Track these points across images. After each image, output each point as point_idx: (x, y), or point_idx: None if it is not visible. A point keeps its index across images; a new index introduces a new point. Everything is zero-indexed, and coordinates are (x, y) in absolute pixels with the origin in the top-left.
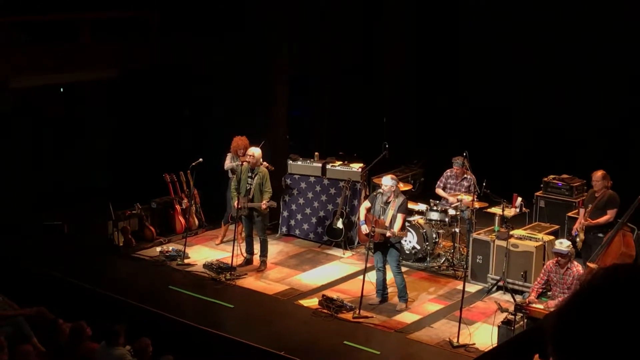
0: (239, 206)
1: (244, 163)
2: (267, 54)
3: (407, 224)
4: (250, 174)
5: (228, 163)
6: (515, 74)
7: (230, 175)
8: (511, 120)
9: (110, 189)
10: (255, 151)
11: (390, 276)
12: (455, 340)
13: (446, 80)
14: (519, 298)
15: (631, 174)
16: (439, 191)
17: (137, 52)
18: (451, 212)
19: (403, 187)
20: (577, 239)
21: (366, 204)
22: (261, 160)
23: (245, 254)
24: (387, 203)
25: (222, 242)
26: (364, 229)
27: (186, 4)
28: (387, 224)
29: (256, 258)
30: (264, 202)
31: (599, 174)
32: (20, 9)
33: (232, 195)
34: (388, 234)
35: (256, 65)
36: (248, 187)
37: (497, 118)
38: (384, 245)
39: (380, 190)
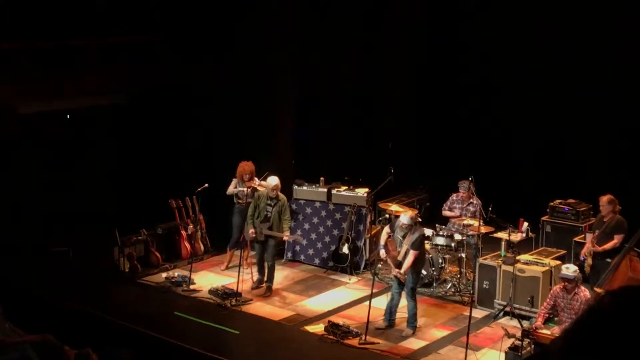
0: (256, 232)
1: (252, 188)
2: (272, 78)
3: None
4: (269, 202)
5: (232, 188)
6: (521, 98)
7: (235, 200)
8: (517, 145)
9: (116, 215)
10: (276, 181)
11: (403, 302)
12: None
13: (451, 105)
14: (526, 323)
15: (639, 198)
16: (445, 212)
17: (142, 76)
18: (457, 237)
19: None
20: (585, 264)
21: (387, 229)
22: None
23: (257, 275)
24: (404, 237)
25: (227, 267)
26: (382, 254)
27: (190, 27)
28: (400, 257)
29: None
30: (287, 233)
31: (605, 198)
32: (28, 35)
33: (249, 221)
34: (395, 272)
35: (261, 89)
36: (267, 214)
37: (503, 143)
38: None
39: (399, 224)
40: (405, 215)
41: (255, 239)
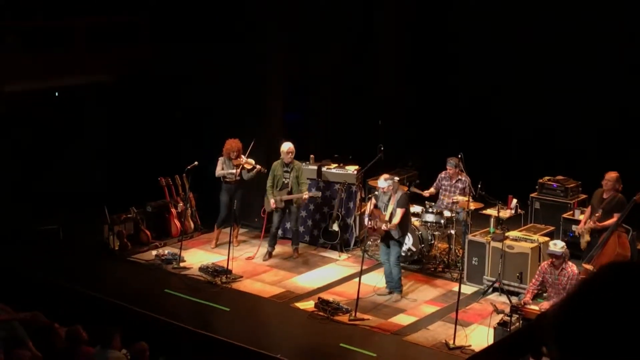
0: (276, 201)
1: (240, 167)
2: (262, 57)
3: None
4: (286, 169)
5: (219, 169)
6: (511, 76)
7: (222, 180)
8: (506, 122)
9: (105, 193)
10: (289, 145)
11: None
12: (451, 342)
13: (441, 82)
14: (514, 299)
15: (626, 175)
16: (428, 191)
17: (131, 57)
18: (447, 213)
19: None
20: (582, 240)
21: (373, 199)
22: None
23: (268, 247)
24: (388, 200)
25: (217, 245)
26: (366, 221)
27: (180, 9)
28: (386, 218)
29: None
30: (305, 192)
31: (613, 175)
32: (14, 14)
33: (268, 192)
34: (383, 226)
35: (251, 68)
36: (285, 181)
37: (492, 120)
38: (388, 240)
39: (381, 190)
40: (381, 180)
41: (275, 209)
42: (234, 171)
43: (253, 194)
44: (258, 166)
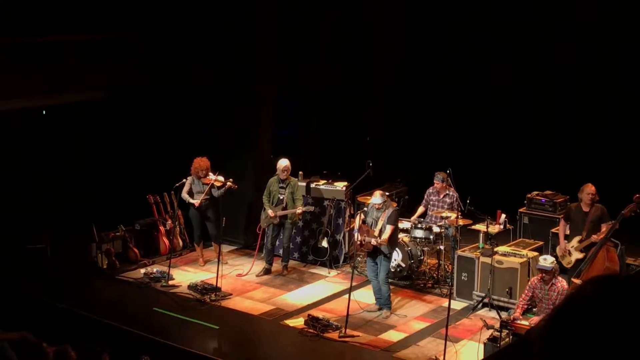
0: (273, 215)
1: (210, 185)
2: (251, 75)
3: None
4: (281, 185)
5: (187, 189)
6: (498, 93)
7: (188, 201)
8: (494, 138)
9: (93, 211)
10: (285, 162)
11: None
12: (441, 358)
13: (430, 99)
14: (504, 315)
15: (614, 188)
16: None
17: (121, 73)
18: (436, 229)
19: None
20: (567, 259)
21: (361, 215)
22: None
23: (265, 264)
24: (378, 216)
25: (205, 262)
26: (356, 237)
27: (172, 25)
28: (376, 234)
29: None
30: (300, 207)
31: (593, 187)
32: (3, 29)
33: (266, 205)
34: (373, 242)
35: (241, 86)
36: (281, 197)
37: (480, 136)
38: (376, 256)
39: (372, 206)
40: (376, 196)
41: (271, 223)
42: (202, 194)
43: (238, 209)
44: (228, 183)
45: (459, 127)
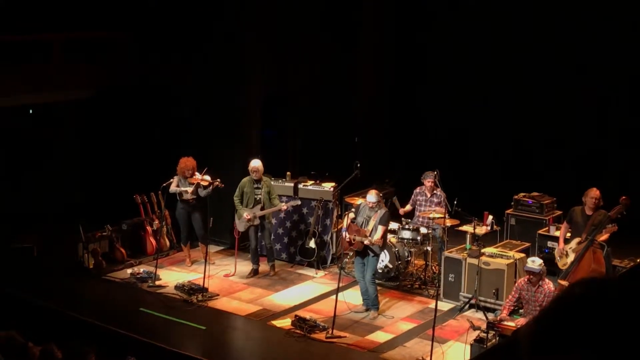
0: (249, 217)
1: (195, 184)
2: (239, 75)
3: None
4: (257, 185)
5: (174, 187)
6: (486, 94)
7: (178, 198)
8: (482, 139)
9: (80, 211)
10: (258, 164)
11: None
12: (428, 358)
13: (418, 99)
14: (491, 316)
15: (601, 190)
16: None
17: (109, 72)
18: (423, 230)
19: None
20: (562, 260)
21: (351, 214)
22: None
23: (253, 265)
24: (370, 215)
25: (192, 262)
26: (346, 235)
27: (159, 25)
28: (368, 234)
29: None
30: (283, 204)
31: (598, 192)
32: None
33: (238, 207)
34: (366, 241)
35: (229, 86)
36: (257, 198)
37: (468, 137)
38: (364, 255)
39: (365, 204)
40: (372, 194)
41: (250, 225)
42: (187, 188)
43: (225, 210)
44: (215, 182)
45: (447, 128)
